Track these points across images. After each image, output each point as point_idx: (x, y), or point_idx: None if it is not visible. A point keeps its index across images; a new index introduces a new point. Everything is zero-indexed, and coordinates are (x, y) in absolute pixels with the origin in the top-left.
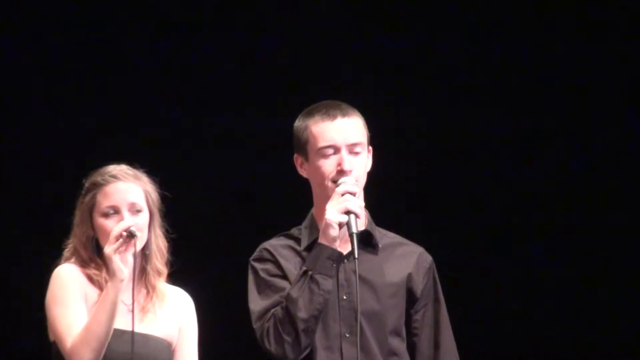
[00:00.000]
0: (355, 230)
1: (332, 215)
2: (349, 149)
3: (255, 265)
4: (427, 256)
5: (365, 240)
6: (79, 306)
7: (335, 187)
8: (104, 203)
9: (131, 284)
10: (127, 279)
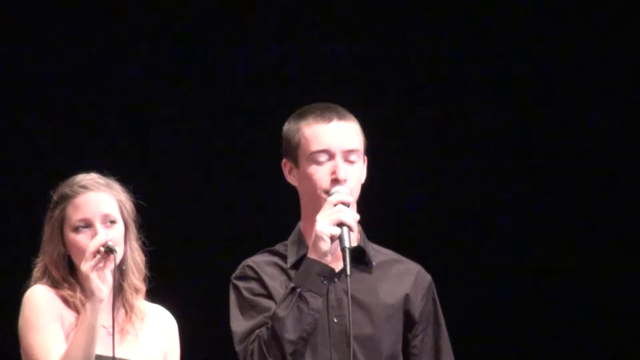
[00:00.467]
0: (348, 245)
1: (323, 226)
2: (345, 156)
3: (238, 283)
4: (426, 275)
5: (357, 257)
6: (55, 330)
7: (328, 197)
8: (75, 216)
9: (110, 304)
10: (106, 299)
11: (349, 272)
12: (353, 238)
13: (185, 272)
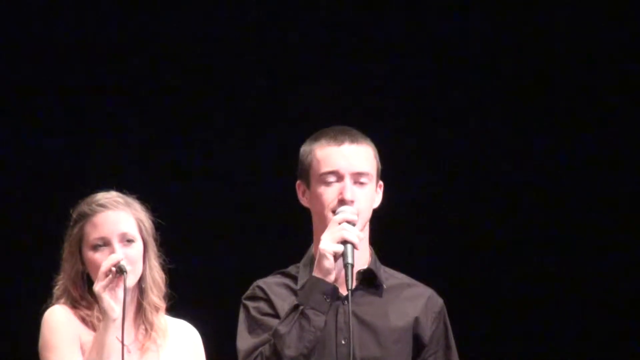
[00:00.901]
0: (350, 261)
1: (326, 244)
2: (354, 178)
3: (247, 303)
4: (438, 299)
5: (368, 280)
6: (72, 350)
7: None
8: (93, 235)
9: (125, 321)
10: (119, 318)
11: (350, 286)
12: (363, 261)
13: (208, 289)
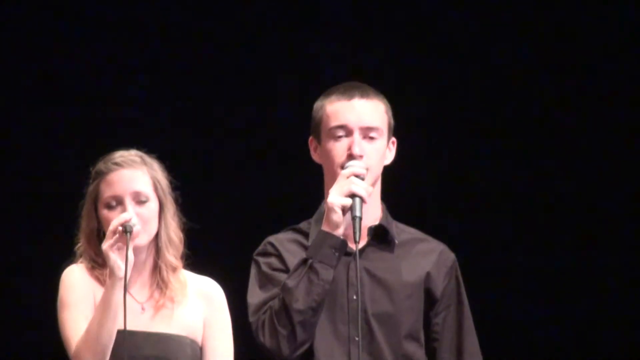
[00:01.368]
0: (358, 214)
1: (334, 198)
2: (363, 132)
3: (259, 259)
4: (450, 254)
5: (380, 236)
6: (85, 309)
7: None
8: (107, 193)
9: (138, 280)
10: (128, 277)
11: (357, 239)
12: (374, 217)
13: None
